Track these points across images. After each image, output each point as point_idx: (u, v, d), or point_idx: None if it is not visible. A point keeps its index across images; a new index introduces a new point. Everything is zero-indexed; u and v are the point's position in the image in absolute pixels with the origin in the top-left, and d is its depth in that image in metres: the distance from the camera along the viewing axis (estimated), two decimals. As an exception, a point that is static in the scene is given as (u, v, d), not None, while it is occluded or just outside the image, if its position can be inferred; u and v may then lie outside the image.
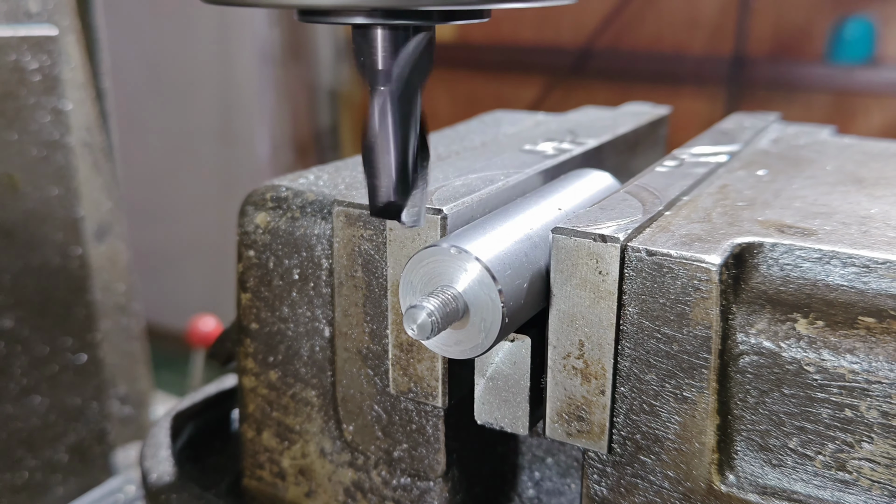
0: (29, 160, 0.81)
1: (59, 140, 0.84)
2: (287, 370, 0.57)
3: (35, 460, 0.86)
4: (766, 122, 0.73)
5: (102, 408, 0.92)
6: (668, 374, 0.43)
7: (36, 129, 0.82)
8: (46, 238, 0.84)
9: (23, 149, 0.81)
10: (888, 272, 0.40)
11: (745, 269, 0.43)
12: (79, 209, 0.87)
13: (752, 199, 0.51)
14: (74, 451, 0.90)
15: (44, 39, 0.81)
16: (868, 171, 0.57)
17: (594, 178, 0.58)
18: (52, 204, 0.84)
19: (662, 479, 0.45)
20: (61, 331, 0.87)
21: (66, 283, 0.87)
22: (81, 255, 0.87)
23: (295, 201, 0.55)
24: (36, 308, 0.84)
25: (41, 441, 0.87)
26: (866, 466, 0.41)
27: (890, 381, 0.39)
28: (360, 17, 0.38)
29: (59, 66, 0.83)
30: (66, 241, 0.86)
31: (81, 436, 0.91)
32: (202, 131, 3.03)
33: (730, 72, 2.51)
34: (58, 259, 0.85)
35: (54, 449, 0.88)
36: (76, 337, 0.88)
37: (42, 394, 0.86)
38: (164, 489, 0.61)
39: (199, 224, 3.06)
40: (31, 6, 0.83)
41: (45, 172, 0.83)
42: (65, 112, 0.84)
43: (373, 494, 0.56)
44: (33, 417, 0.86)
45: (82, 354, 0.89)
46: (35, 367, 0.85)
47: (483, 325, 0.42)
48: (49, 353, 0.86)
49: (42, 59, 0.81)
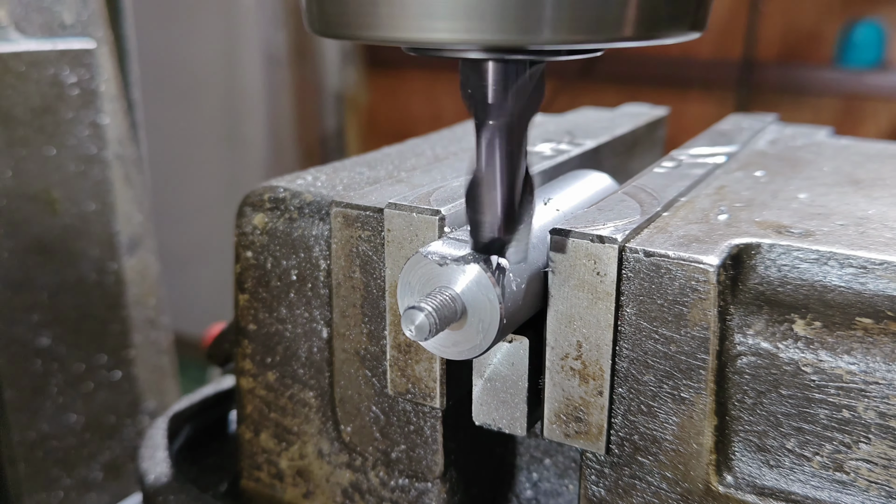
0: (67, 175, 0.81)
1: (96, 154, 0.83)
2: (285, 371, 0.57)
3: (70, 479, 0.86)
4: (764, 124, 0.73)
5: (135, 424, 0.91)
6: (665, 375, 0.43)
7: (74, 144, 0.81)
8: (83, 254, 0.83)
9: (61, 164, 0.80)
10: (885, 273, 0.40)
11: (742, 270, 0.43)
12: (115, 224, 0.86)
13: (749, 200, 0.51)
14: (109, 469, 0.89)
15: (82, 53, 0.81)
16: (865, 172, 0.58)
17: (592, 179, 0.58)
18: (90, 219, 0.83)
19: (660, 479, 0.45)
20: (97, 347, 0.86)
21: (102, 298, 0.86)
22: (116, 270, 0.87)
23: (293, 202, 0.55)
24: (72, 325, 0.83)
25: (76, 460, 0.86)
26: (864, 467, 0.41)
27: (887, 381, 0.39)
28: (473, 52, 0.37)
29: (96, 80, 0.82)
30: (103, 257, 0.85)
31: (115, 453, 0.90)
32: (208, 134, 3.03)
33: (739, 75, 2.50)
34: (94, 275, 0.85)
35: (89, 467, 0.87)
36: (111, 353, 0.88)
37: (77, 412, 0.85)
38: (162, 490, 0.61)
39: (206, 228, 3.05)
40: (66, 18, 0.83)
41: (82, 187, 0.82)
42: (102, 126, 0.83)
43: (371, 495, 0.56)
44: (69, 436, 0.85)
45: (117, 371, 0.88)
46: (71, 385, 0.84)
47: (481, 326, 0.42)
48: (85, 371, 0.85)
49: (80, 72, 0.80)
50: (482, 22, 0.34)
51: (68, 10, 0.83)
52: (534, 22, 0.34)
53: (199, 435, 0.72)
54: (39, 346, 0.81)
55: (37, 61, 0.77)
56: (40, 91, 0.78)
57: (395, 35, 0.36)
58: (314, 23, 0.40)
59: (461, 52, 0.38)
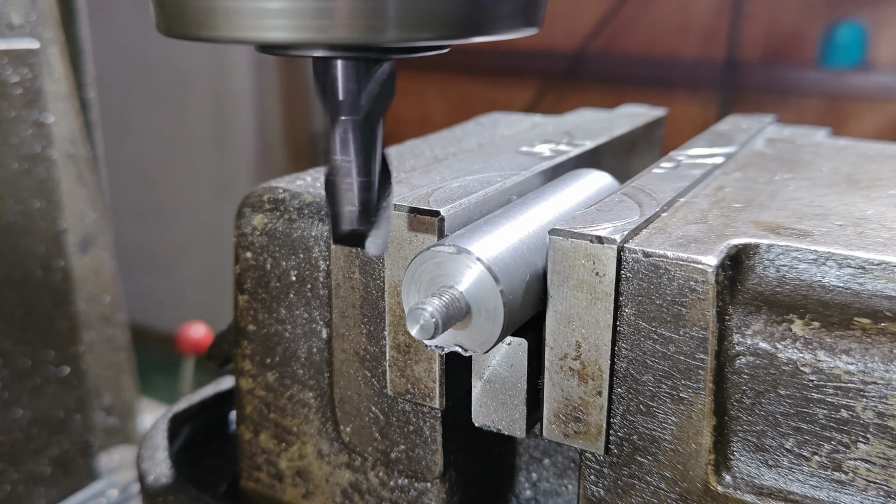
0: (10, 173, 0.81)
1: (40, 153, 0.83)
2: (284, 372, 0.57)
3: (17, 473, 0.86)
4: (763, 124, 0.74)
5: (86, 419, 0.92)
6: (664, 375, 0.44)
7: (17, 143, 0.81)
8: (28, 251, 0.84)
9: (3, 162, 0.80)
10: (883, 273, 0.41)
11: (741, 271, 0.43)
12: (61, 221, 0.86)
13: (748, 200, 0.51)
14: (58, 464, 0.90)
15: (25, 53, 0.81)
16: (864, 172, 0.58)
17: (594, 178, 0.58)
18: (34, 217, 0.84)
19: (659, 479, 0.45)
20: (43, 343, 0.86)
21: (49, 295, 0.86)
22: (64, 267, 0.87)
23: (292, 203, 0.55)
24: (18, 321, 0.84)
25: (24, 454, 0.86)
26: (862, 467, 0.41)
27: (885, 381, 0.39)
28: (320, 51, 0.38)
29: (40, 79, 0.83)
30: (49, 254, 0.85)
31: (64, 448, 0.90)
32: (196, 135, 3.03)
33: (723, 76, 2.51)
34: (39, 272, 0.85)
35: (37, 461, 0.88)
36: (59, 349, 0.88)
37: (24, 406, 0.85)
38: (162, 491, 0.61)
39: (193, 227, 3.05)
40: (14, 19, 0.83)
41: (26, 185, 0.83)
42: (47, 125, 0.84)
43: (370, 496, 0.56)
44: (15, 430, 0.85)
45: (65, 367, 0.89)
46: (17, 379, 0.84)
47: (485, 324, 0.42)
48: (31, 366, 0.85)
49: (23, 72, 0.80)
50: (328, 21, 0.35)
51: (16, 11, 0.84)
52: (380, 21, 0.35)
53: (199, 436, 0.72)
54: None
55: None
56: None
57: (237, 35, 0.37)
58: (160, 24, 0.40)
59: (310, 52, 0.39)
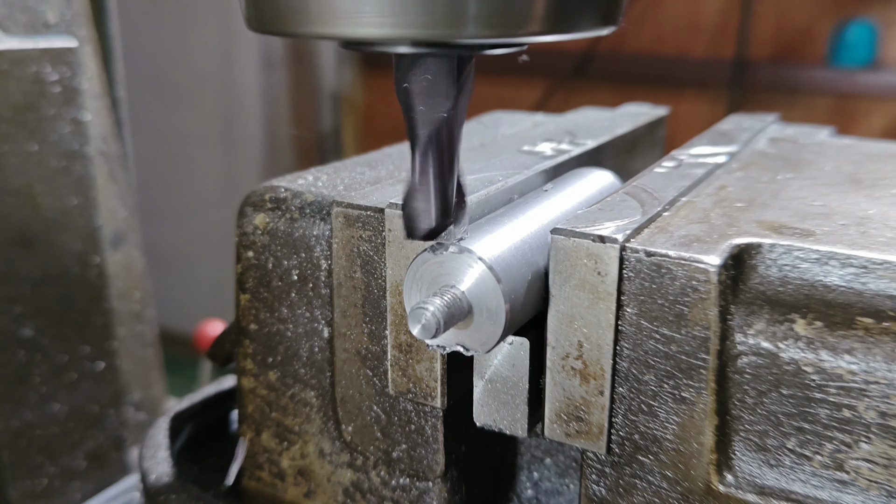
0: (49, 171, 0.82)
1: (78, 150, 0.84)
2: (286, 371, 0.57)
3: (54, 467, 0.87)
4: (765, 123, 0.73)
5: (119, 414, 0.93)
6: (666, 375, 0.43)
7: (56, 140, 0.82)
8: (66, 247, 0.85)
9: (43, 160, 0.82)
10: (886, 273, 0.40)
11: (743, 270, 0.43)
12: (97, 218, 0.87)
13: (750, 199, 0.51)
14: (92, 458, 0.91)
15: (63, 51, 0.82)
16: (866, 171, 0.57)
17: (596, 177, 0.58)
18: (72, 214, 0.85)
19: (661, 479, 0.45)
20: (80, 339, 0.87)
21: (85, 291, 0.87)
22: (99, 263, 0.88)
23: (294, 202, 0.55)
24: (55, 317, 0.85)
25: (60, 448, 0.88)
26: (864, 467, 0.41)
27: (888, 381, 0.39)
28: (405, 47, 0.39)
29: (78, 78, 0.84)
30: (85, 251, 0.86)
31: (99, 442, 0.91)
32: (205, 134, 3.03)
33: (731, 75, 2.51)
34: (77, 268, 0.86)
35: (73, 455, 0.89)
36: (94, 345, 0.89)
37: (61, 401, 0.86)
38: (163, 490, 0.61)
39: (202, 227, 3.06)
40: (50, 17, 0.84)
41: (64, 183, 0.84)
42: (84, 122, 0.85)
43: (372, 495, 0.56)
44: (52, 425, 0.86)
45: (100, 362, 0.90)
46: (54, 375, 0.85)
47: (486, 324, 0.42)
48: (68, 361, 0.86)
49: (62, 70, 0.82)
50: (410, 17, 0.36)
51: (52, 10, 0.84)
52: (460, 17, 0.36)
53: (201, 435, 0.72)
54: (22, 336, 0.82)
55: (19, 59, 0.78)
56: (22, 88, 0.79)
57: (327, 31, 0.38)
58: (251, 20, 0.41)
59: (394, 48, 0.39)
